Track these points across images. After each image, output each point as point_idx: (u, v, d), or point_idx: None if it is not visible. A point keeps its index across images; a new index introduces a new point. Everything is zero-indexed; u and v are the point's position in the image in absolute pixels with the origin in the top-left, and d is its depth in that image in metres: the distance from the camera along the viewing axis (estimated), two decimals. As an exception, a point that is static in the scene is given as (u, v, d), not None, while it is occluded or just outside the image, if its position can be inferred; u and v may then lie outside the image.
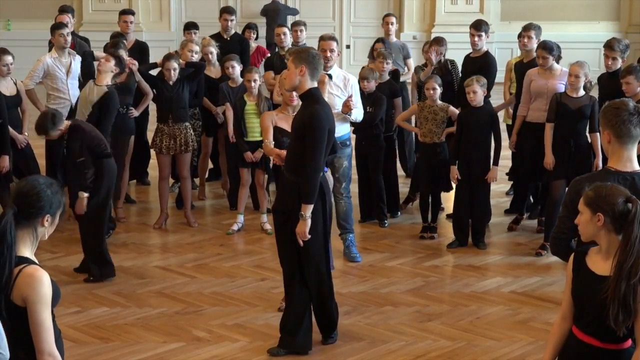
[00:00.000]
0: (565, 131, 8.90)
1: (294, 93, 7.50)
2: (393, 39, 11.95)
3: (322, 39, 8.80)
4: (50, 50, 10.76)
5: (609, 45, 9.14)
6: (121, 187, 10.02)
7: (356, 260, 8.81)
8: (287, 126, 7.68)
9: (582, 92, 8.89)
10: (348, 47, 19.90)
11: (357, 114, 8.74)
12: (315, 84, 6.51)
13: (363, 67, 10.41)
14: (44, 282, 3.90)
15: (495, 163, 9.22)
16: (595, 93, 9.24)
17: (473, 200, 9.28)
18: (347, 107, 8.55)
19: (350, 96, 8.57)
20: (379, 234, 9.74)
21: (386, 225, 10.01)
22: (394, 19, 12.13)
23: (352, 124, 9.11)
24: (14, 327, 3.93)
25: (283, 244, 6.74)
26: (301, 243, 6.54)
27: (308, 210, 6.44)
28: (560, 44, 9.73)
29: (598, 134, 8.78)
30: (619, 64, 9.09)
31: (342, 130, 8.65)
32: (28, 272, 3.90)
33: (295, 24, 11.85)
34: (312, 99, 6.46)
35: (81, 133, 8.24)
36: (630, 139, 4.83)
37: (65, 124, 8.24)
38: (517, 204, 10.49)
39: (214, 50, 10.69)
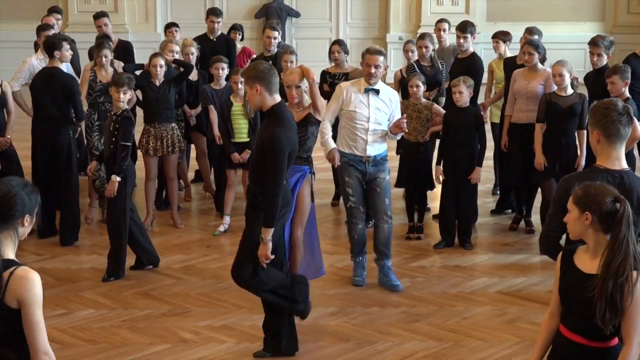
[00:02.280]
0: (556, 130, 8.93)
1: (293, 90, 7.41)
2: (446, 44, 11.52)
3: (368, 52, 8.22)
4: (36, 51, 10.71)
5: (593, 42, 9.21)
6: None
7: (397, 289, 8.12)
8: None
9: (570, 90, 8.93)
10: None
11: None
12: (277, 98, 6.35)
13: (355, 69, 10.36)
14: (37, 283, 3.94)
15: (479, 164, 9.22)
16: (582, 91, 9.25)
17: (459, 201, 9.28)
18: (398, 128, 8.07)
19: (403, 117, 8.14)
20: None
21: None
22: (446, 25, 11.62)
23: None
24: (6, 328, 3.95)
25: None
26: (264, 265, 6.42)
27: (268, 234, 6.28)
28: (545, 45, 9.78)
29: (585, 131, 8.84)
30: (605, 60, 9.14)
31: (382, 147, 8.20)
32: (20, 274, 3.92)
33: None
34: (275, 118, 6.31)
35: (132, 122, 8.47)
36: (619, 138, 4.91)
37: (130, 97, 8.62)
38: (505, 204, 10.51)
39: (195, 51, 10.64)
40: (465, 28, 10.35)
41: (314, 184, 7.65)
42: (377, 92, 8.09)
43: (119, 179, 8.31)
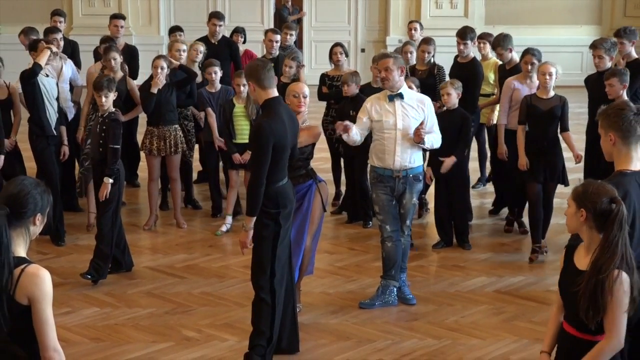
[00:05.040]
0: (537, 133, 8.91)
1: (301, 99, 7.29)
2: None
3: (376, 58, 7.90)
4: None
5: (593, 44, 9.21)
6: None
7: (409, 303, 7.89)
8: (304, 135, 7.33)
9: (552, 93, 8.92)
10: (363, 50, 19.98)
11: (433, 140, 7.79)
12: (271, 93, 6.35)
13: (345, 72, 10.32)
14: (47, 281, 3.97)
15: (456, 156, 9.00)
16: (564, 93, 9.24)
17: (452, 201, 9.30)
18: (417, 136, 7.54)
19: (422, 123, 7.61)
20: (365, 235, 9.76)
21: (370, 225, 10.01)
22: (417, 25, 12.15)
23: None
24: (15, 325, 3.98)
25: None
26: (242, 252, 6.49)
27: (250, 222, 6.31)
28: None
29: (569, 133, 8.97)
30: (607, 62, 9.09)
31: (415, 161, 7.73)
32: (31, 272, 3.96)
33: (286, 27, 11.93)
34: (265, 111, 6.36)
35: (120, 125, 8.41)
36: (635, 138, 4.93)
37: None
38: (502, 205, 10.50)
39: (203, 50, 10.70)
40: (464, 35, 10.30)
41: (324, 192, 7.44)
42: (401, 96, 7.67)
43: (111, 181, 8.24)
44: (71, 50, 11.63)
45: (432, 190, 9.88)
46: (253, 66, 6.45)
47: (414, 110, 7.67)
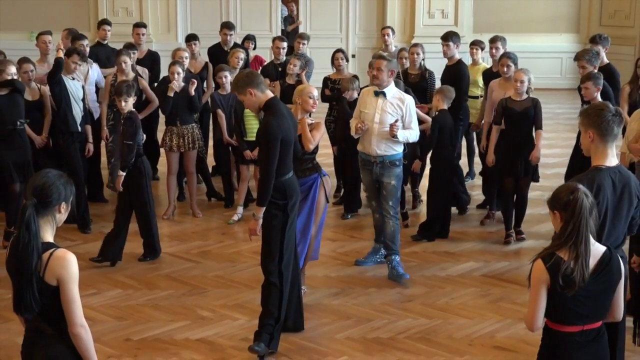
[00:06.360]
0: (513, 132, 8.90)
1: (315, 99, 7.31)
2: (391, 49, 11.82)
3: (373, 57, 8.16)
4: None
5: (577, 57, 9.22)
6: None
7: (404, 278, 7.93)
8: (316, 134, 7.35)
9: (524, 96, 8.91)
10: (354, 56, 19.95)
11: (410, 135, 7.92)
12: (269, 93, 6.31)
13: (344, 79, 10.24)
14: (73, 263, 3.99)
15: (419, 158, 9.43)
16: (536, 96, 9.19)
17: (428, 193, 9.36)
18: (391, 131, 7.76)
19: (396, 120, 7.78)
20: (364, 223, 9.74)
21: (348, 217, 9.97)
22: (389, 31, 12.17)
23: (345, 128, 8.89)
24: (45, 305, 3.99)
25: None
26: (249, 239, 6.46)
27: (259, 211, 6.27)
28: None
29: (541, 131, 8.96)
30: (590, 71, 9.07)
31: (392, 150, 7.92)
32: (59, 255, 3.97)
33: (300, 37, 11.95)
34: (269, 110, 6.27)
35: (137, 121, 8.39)
36: (612, 137, 4.92)
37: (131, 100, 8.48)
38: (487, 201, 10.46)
39: (244, 57, 10.76)
40: (446, 37, 10.34)
41: (327, 185, 7.44)
42: (384, 95, 7.86)
43: (123, 174, 8.26)
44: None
45: (424, 183, 9.87)
46: (244, 76, 6.33)
47: (393, 107, 7.88)
